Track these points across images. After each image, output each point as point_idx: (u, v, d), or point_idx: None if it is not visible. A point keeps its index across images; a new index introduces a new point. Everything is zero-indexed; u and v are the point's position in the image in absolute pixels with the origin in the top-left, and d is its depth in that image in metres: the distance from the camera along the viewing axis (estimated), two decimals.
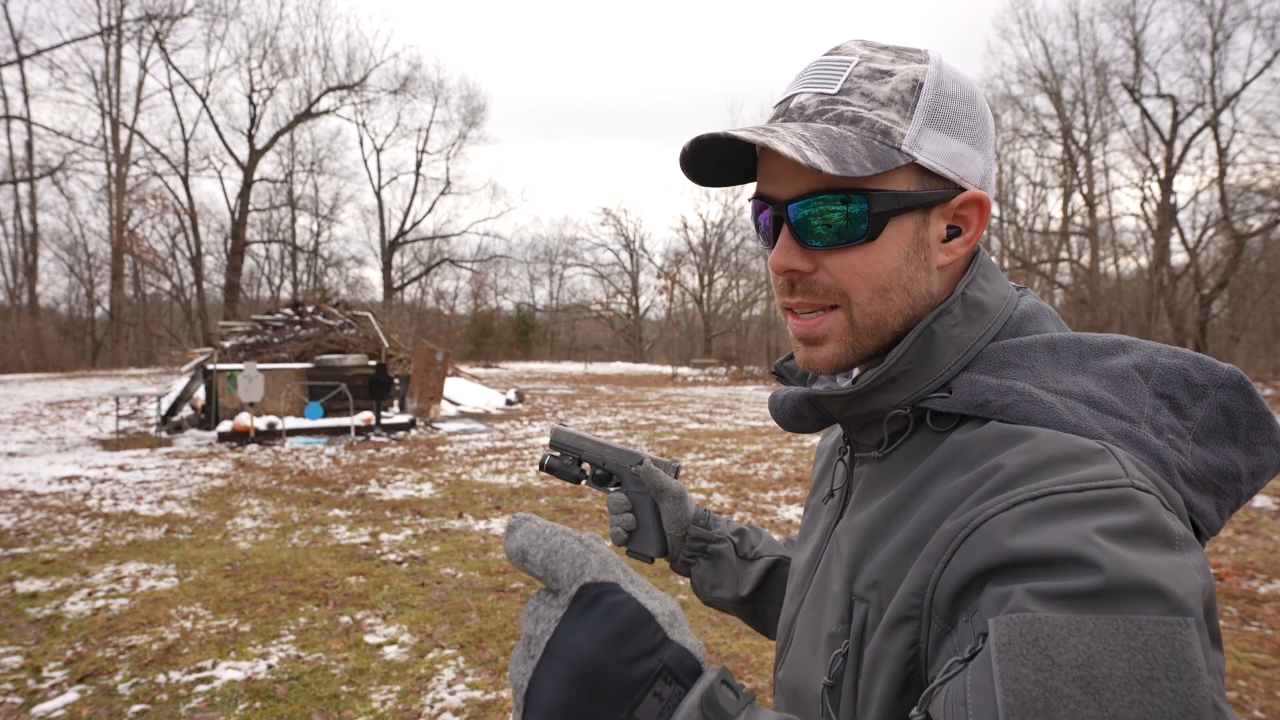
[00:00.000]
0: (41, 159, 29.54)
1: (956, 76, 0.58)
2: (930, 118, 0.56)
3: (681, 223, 48.94)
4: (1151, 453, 0.50)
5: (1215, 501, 0.53)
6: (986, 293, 0.59)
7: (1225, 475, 0.52)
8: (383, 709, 2.91)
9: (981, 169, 0.59)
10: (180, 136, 32.17)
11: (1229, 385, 0.53)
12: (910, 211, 0.56)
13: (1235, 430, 0.52)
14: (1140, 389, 0.52)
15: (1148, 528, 0.43)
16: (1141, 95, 23.28)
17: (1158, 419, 0.52)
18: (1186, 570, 0.41)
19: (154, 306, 35.52)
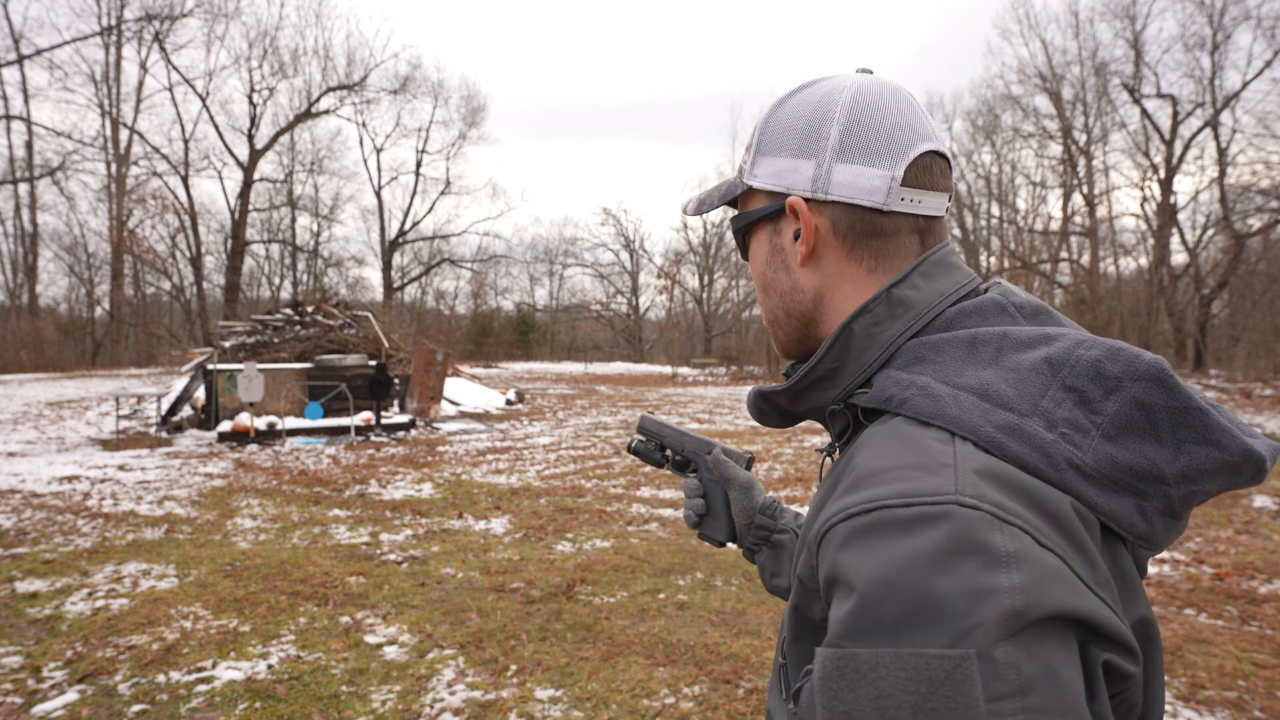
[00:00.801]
0: (41, 159, 29.55)
1: (797, 103, 0.67)
2: (759, 149, 0.69)
3: (681, 223, 48.82)
4: (1035, 446, 0.49)
5: (1136, 503, 0.50)
6: (919, 290, 0.61)
7: (1143, 475, 0.50)
8: (383, 709, 2.91)
9: (809, 173, 0.65)
10: (180, 136, 32.22)
11: (1145, 378, 0.50)
12: (759, 224, 0.70)
13: (1156, 427, 0.50)
14: (1045, 382, 0.52)
15: (961, 548, 0.42)
16: (1141, 95, 23.29)
17: (1055, 412, 0.50)
18: (987, 597, 0.40)
19: (154, 306, 35.52)
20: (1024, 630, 0.40)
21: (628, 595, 4.19)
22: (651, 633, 3.64)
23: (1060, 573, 0.43)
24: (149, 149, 31.10)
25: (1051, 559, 0.44)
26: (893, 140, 0.63)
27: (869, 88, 0.65)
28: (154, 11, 28.97)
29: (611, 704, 2.95)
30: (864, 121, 0.63)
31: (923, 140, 0.64)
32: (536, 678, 3.17)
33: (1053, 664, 0.41)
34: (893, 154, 0.63)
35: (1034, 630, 0.41)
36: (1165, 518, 0.51)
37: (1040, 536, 0.44)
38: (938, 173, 0.65)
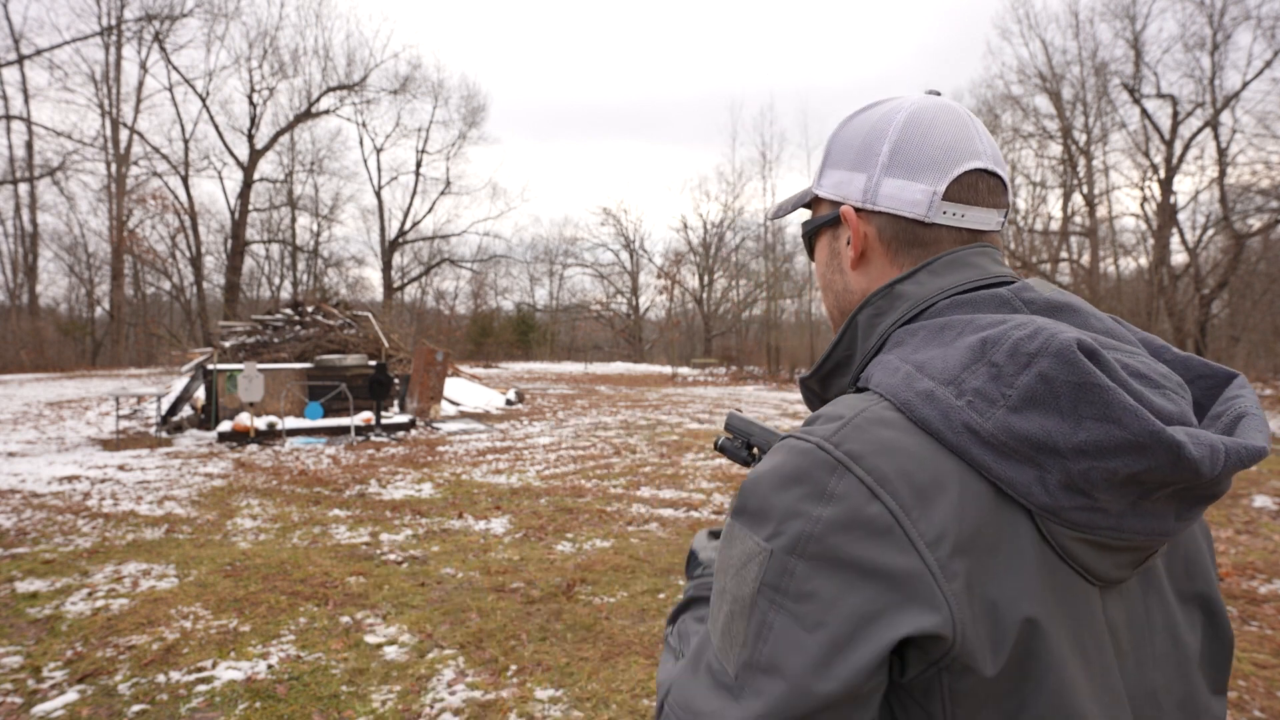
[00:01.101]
0: (41, 159, 29.53)
1: (860, 121, 0.74)
2: (826, 161, 0.76)
3: (681, 223, 48.92)
4: (940, 411, 0.55)
5: (1036, 474, 0.52)
6: (920, 285, 0.66)
7: (1039, 445, 0.52)
8: (382, 709, 2.91)
9: (861, 184, 0.72)
10: (180, 136, 32.20)
11: (1051, 354, 0.52)
12: (821, 229, 0.78)
13: (1057, 400, 0.52)
14: (974, 358, 0.56)
15: (799, 477, 0.55)
16: (1141, 95, 23.29)
17: (968, 382, 0.55)
18: (795, 517, 0.53)
19: (154, 306, 35.51)
20: (810, 553, 0.52)
21: (628, 595, 4.19)
22: (652, 633, 3.64)
23: (871, 524, 0.52)
24: (149, 149, 31.12)
25: (874, 509, 0.52)
26: (938, 158, 0.69)
27: (925, 109, 0.71)
28: (154, 11, 28.97)
29: (611, 704, 2.95)
30: (913, 140, 0.70)
31: (969, 159, 0.69)
32: (536, 678, 3.17)
33: (817, 590, 0.52)
34: (937, 170, 0.68)
35: (819, 559, 0.52)
36: (1070, 492, 0.52)
37: (876, 489, 0.52)
38: (984, 190, 0.70)
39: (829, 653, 0.51)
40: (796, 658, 0.51)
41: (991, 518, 0.53)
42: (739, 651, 0.54)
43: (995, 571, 0.52)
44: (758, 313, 40.54)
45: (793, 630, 0.52)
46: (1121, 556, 0.56)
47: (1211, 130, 21.87)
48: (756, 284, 41.57)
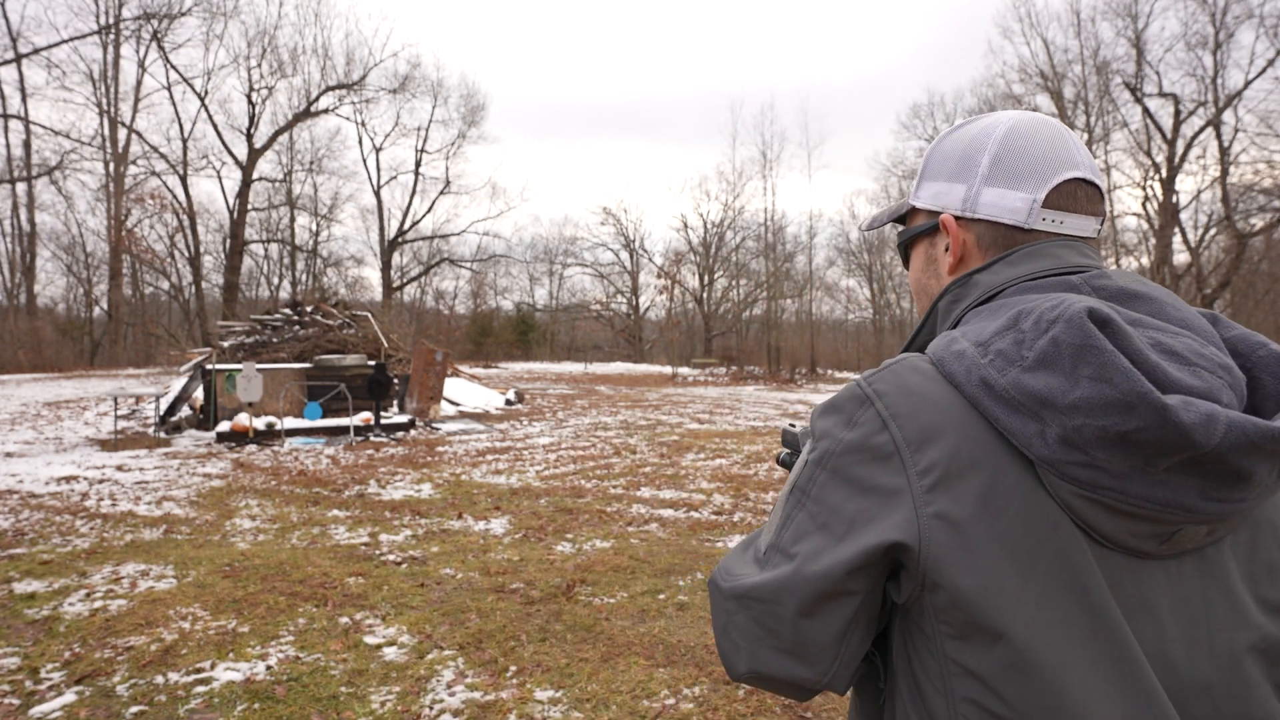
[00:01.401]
0: (39, 158, 29.48)
1: (958, 136, 0.79)
2: (923, 175, 0.82)
3: (681, 222, 48.81)
4: (964, 367, 0.62)
5: (1038, 428, 0.57)
6: (995, 274, 0.72)
7: (1042, 400, 0.56)
8: (382, 710, 2.89)
9: (961, 194, 0.76)
10: (179, 136, 32.05)
11: (1064, 320, 0.57)
12: (918, 239, 0.83)
13: (1060, 359, 0.56)
14: (1008, 325, 0.62)
15: (839, 406, 0.67)
16: (1143, 94, 23.28)
17: (993, 344, 0.62)
18: (827, 436, 0.67)
19: (152, 306, 35.47)
20: (830, 467, 0.66)
21: (628, 596, 4.17)
22: (652, 633, 3.63)
23: (877, 450, 0.63)
24: (147, 148, 31.08)
25: (883, 439, 0.63)
26: (1038, 167, 0.73)
27: (1024, 121, 0.75)
28: (152, 10, 28.93)
29: (611, 705, 2.93)
30: (1013, 150, 0.74)
31: (1068, 169, 0.73)
32: (536, 678, 3.16)
33: (828, 497, 0.65)
34: (1036, 179, 0.72)
35: (835, 472, 0.65)
36: (1067, 446, 0.56)
37: (888, 422, 0.63)
38: (1083, 198, 0.74)
39: (824, 546, 0.64)
40: (801, 545, 0.66)
41: (990, 462, 0.59)
42: (770, 535, 0.70)
43: (980, 507, 0.58)
44: (758, 313, 40.54)
45: (806, 525, 0.66)
46: (1139, 525, 0.58)
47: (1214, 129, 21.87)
48: (757, 284, 41.56)
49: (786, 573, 0.65)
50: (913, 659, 0.64)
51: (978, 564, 0.58)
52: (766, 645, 0.67)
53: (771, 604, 0.66)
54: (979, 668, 0.59)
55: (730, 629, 0.70)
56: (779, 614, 0.65)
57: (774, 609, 0.66)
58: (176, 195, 31.81)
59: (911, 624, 0.64)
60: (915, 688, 0.64)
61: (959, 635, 0.59)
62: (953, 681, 0.60)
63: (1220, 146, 21.79)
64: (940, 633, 0.61)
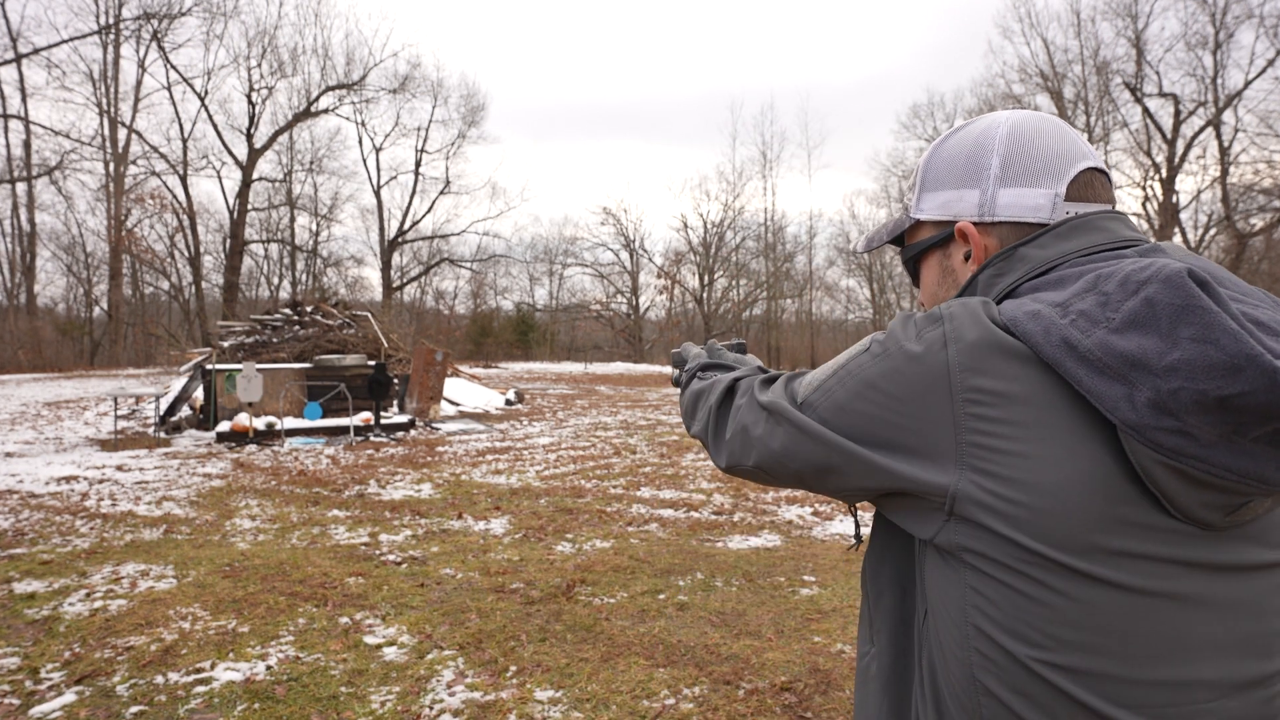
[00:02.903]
0: (39, 158, 29.48)
1: (956, 142, 0.77)
2: (923, 186, 0.80)
3: (681, 222, 48.79)
4: (1041, 326, 0.59)
5: (1126, 391, 0.54)
6: (1044, 249, 0.69)
7: (1134, 362, 0.53)
8: (382, 710, 2.89)
9: (974, 200, 0.74)
10: (179, 136, 32.04)
11: (1160, 280, 0.54)
12: (928, 252, 0.81)
13: (1157, 321, 0.53)
14: (1085, 288, 0.59)
15: (915, 320, 0.66)
16: (1143, 94, 23.29)
17: (1074, 306, 0.58)
18: (894, 338, 0.66)
19: (152, 306, 35.46)
20: (881, 365, 0.66)
21: (628, 596, 4.17)
22: (651, 633, 3.63)
23: (930, 368, 0.62)
24: (147, 148, 31.08)
25: (938, 359, 0.61)
26: (1051, 162, 0.72)
27: (1024, 119, 0.75)
28: (152, 10, 28.93)
29: (611, 705, 2.93)
30: (1022, 149, 0.72)
31: (1081, 159, 0.72)
32: (536, 679, 3.16)
33: (865, 387, 0.66)
34: (1053, 174, 0.72)
35: (885, 371, 0.65)
36: (1158, 412, 0.53)
37: (950, 343, 0.61)
38: (1099, 186, 0.73)
39: (840, 424, 0.67)
40: (826, 412, 0.68)
41: (1054, 418, 0.57)
42: (811, 391, 0.71)
43: (1035, 458, 0.57)
44: (758, 313, 40.56)
45: (838, 396, 0.68)
46: (1210, 495, 0.55)
47: (1214, 129, 21.88)
48: (757, 284, 41.57)
49: (805, 423, 0.69)
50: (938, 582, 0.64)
51: (1022, 519, 0.57)
52: (772, 449, 0.73)
53: (796, 436, 0.70)
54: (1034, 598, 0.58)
55: (752, 426, 0.76)
56: (795, 449, 0.71)
57: (796, 443, 0.70)
58: (176, 195, 31.83)
59: (938, 560, 0.63)
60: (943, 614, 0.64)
61: (1002, 582, 0.59)
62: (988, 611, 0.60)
63: (1220, 146, 21.80)
64: (976, 580, 0.60)
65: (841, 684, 3.10)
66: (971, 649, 0.61)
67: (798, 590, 4.28)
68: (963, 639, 0.61)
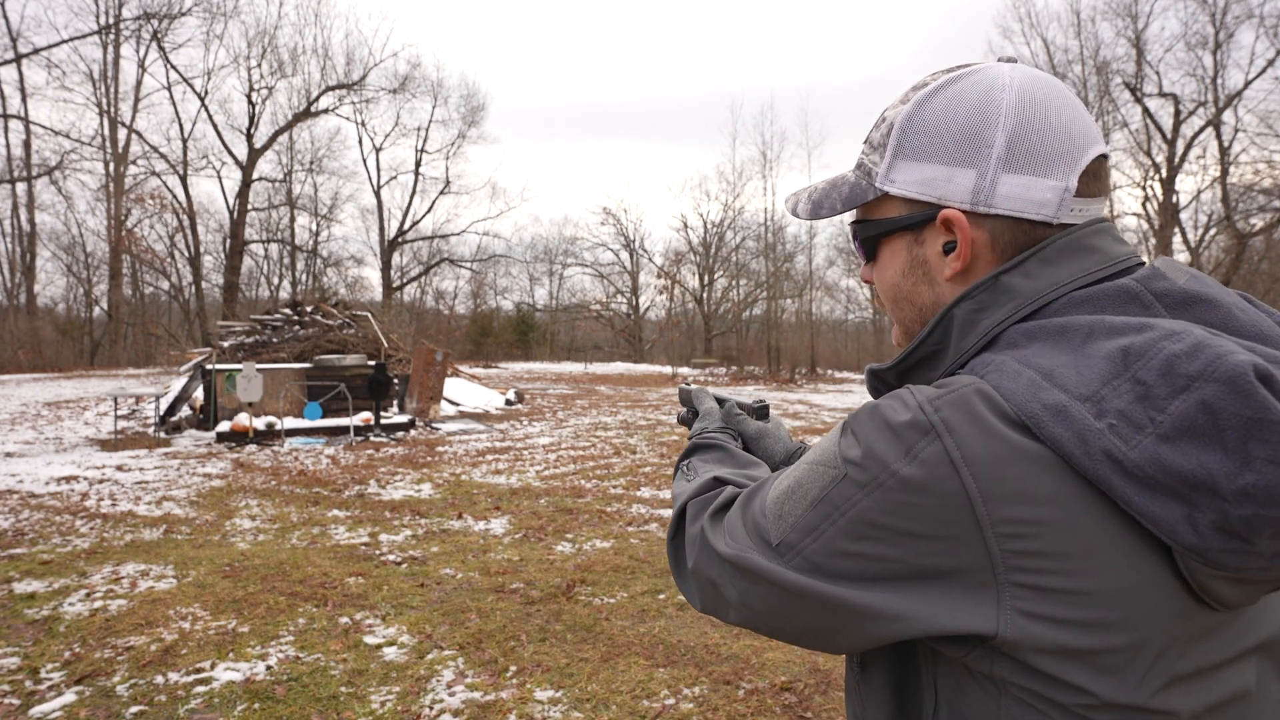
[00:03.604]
0: (39, 158, 29.49)
1: (946, 102, 0.62)
2: (899, 151, 0.63)
3: (681, 222, 48.79)
4: (1075, 432, 0.48)
5: (1185, 512, 0.46)
6: (1030, 278, 0.58)
7: (1192, 483, 0.45)
8: (382, 710, 2.89)
9: (968, 184, 0.60)
10: (179, 136, 32.05)
11: (1220, 380, 0.45)
12: (895, 234, 0.65)
13: (1221, 434, 0.45)
14: (1115, 371, 0.49)
15: (895, 428, 0.53)
16: (1143, 94, 23.29)
17: (1110, 402, 0.48)
18: (877, 460, 0.53)
19: (152, 306, 35.47)
20: (875, 500, 0.53)
21: (628, 596, 4.17)
22: (651, 633, 3.63)
23: (941, 498, 0.50)
24: (147, 148, 31.09)
25: (950, 485, 0.50)
26: (1064, 147, 0.59)
27: (1032, 85, 0.60)
28: (152, 10, 28.93)
29: (611, 705, 2.93)
30: (1033, 125, 0.59)
31: (1094, 142, 0.60)
32: (536, 679, 3.16)
33: (861, 530, 0.53)
34: (1065, 162, 0.59)
35: (880, 507, 0.52)
36: (1225, 536, 0.46)
37: (963, 468, 0.50)
38: (1104, 176, 0.62)
39: (840, 570, 0.55)
40: (818, 557, 0.56)
41: (1104, 541, 0.48)
42: (788, 529, 0.58)
43: (1092, 594, 0.48)
44: (758, 312, 40.54)
45: (830, 537, 0.55)
46: (1255, 588, 0.51)
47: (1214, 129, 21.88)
48: (757, 284, 41.55)
49: (793, 580, 0.56)
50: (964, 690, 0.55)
51: (1087, 663, 0.49)
52: (758, 615, 0.61)
53: (783, 598, 0.58)
54: None
55: (718, 582, 0.63)
56: (786, 612, 0.58)
57: (785, 606, 0.58)
58: (176, 195, 31.83)
59: (966, 680, 0.55)
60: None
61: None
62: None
63: (1220, 146, 21.80)
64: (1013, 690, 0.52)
65: (841, 684, 3.10)
66: None
67: None
68: None
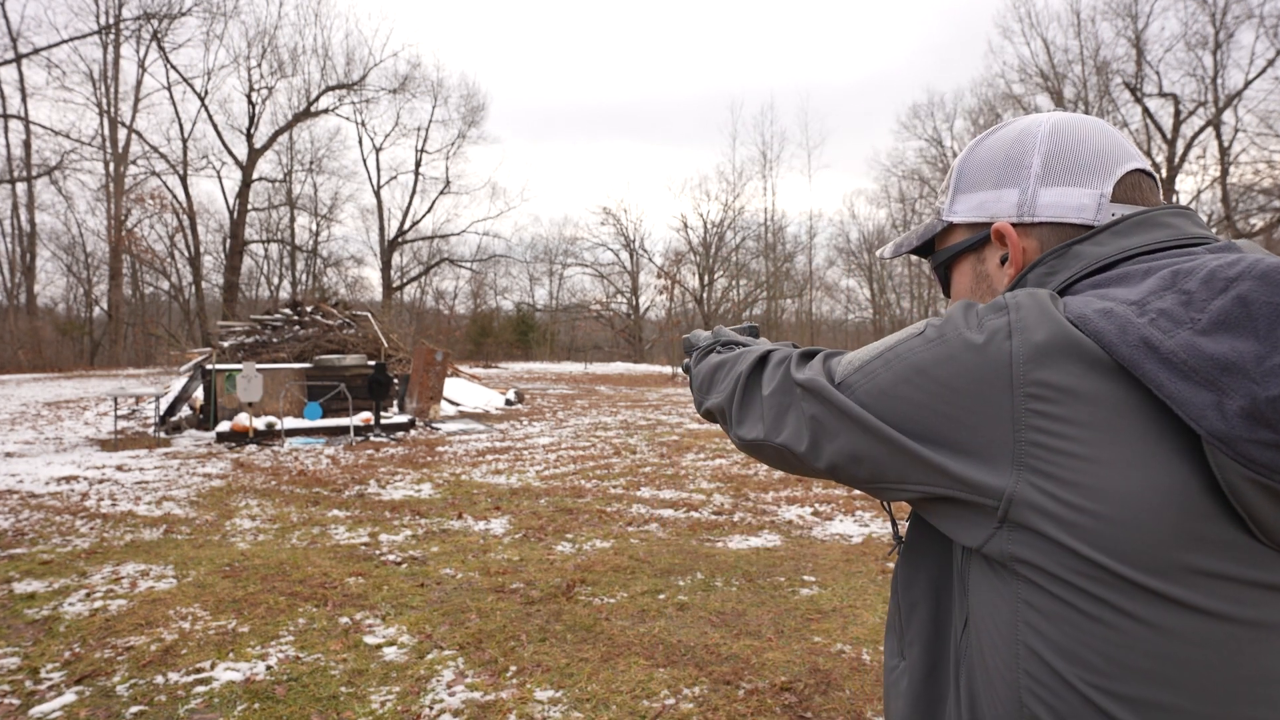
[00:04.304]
0: (39, 158, 29.51)
1: (993, 142, 0.74)
2: (958, 188, 0.76)
3: (681, 222, 48.77)
4: (1116, 324, 0.53)
5: (1215, 398, 0.48)
6: (1101, 245, 0.64)
7: (1226, 366, 0.48)
8: (382, 710, 2.89)
9: (1013, 200, 0.70)
10: (179, 136, 32.07)
11: (1255, 276, 0.49)
12: (960, 257, 0.76)
13: (1254, 322, 0.48)
14: (1163, 286, 0.54)
15: (976, 304, 0.62)
16: (1143, 94, 23.30)
17: (1153, 304, 0.53)
18: (954, 323, 0.61)
19: (152, 306, 35.47)
20: (934, 350, 0.60)
21: (628, 596, 4.17)
22: (652, 633, 3.63)
23: (991, 359, 0.56)
24: (147, 148, 31.10)
25: (1001, 349, 0.56)
26: (1097, 161, 0.68)
27: (1066, 119, 0.71)
28: (152, 10, 28.94)
29: (611, 705, 2.93)
30: (1066, 147, 0.69)
31: (1129, 159, 0.68)
32: (536, 679, 3.16)
33: (910, 375, 0.61)
34: (1099, 173, 0.68)
35: (938, 358, 0.60)
36: (1252, 423, 0.47)
37: (1014, 332, 0.56)
38: (1146, 189, 0.69)
39: (881, 409, 0.62)
40: (866, 395, 0.63)
41: (1127, 422, 0.52)
42: (852, 371, 0.66)
43: (1104, 463, 0.52)
44: (758, 312, 40.55)
45: (882, 379, 0.63)
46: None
47: (1214, 129, 21.89)
48: (757, 284, 41.57)
49: (845, 406, 0.64)
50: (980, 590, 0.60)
51: (1088, 529, 0.52)
52: (804, 430, 0.69)
53: (840, 420, 0.65)
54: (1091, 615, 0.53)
55: (784, 401, 0.72)
56: (834, 430, 0.66)
57: (838, 425, 0.66)
58: (176, 195, 31.84)
59: (988, 570, 0.58)
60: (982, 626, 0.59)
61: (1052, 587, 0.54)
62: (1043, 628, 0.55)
63: (1220, 146, 21.81)
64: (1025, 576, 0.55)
65: (841, 684, 3.10)
66: (1021, 670, 0.56)
67: (798, 590, 4.28)
68: (1011, 659, 0.56)
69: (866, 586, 4.33)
